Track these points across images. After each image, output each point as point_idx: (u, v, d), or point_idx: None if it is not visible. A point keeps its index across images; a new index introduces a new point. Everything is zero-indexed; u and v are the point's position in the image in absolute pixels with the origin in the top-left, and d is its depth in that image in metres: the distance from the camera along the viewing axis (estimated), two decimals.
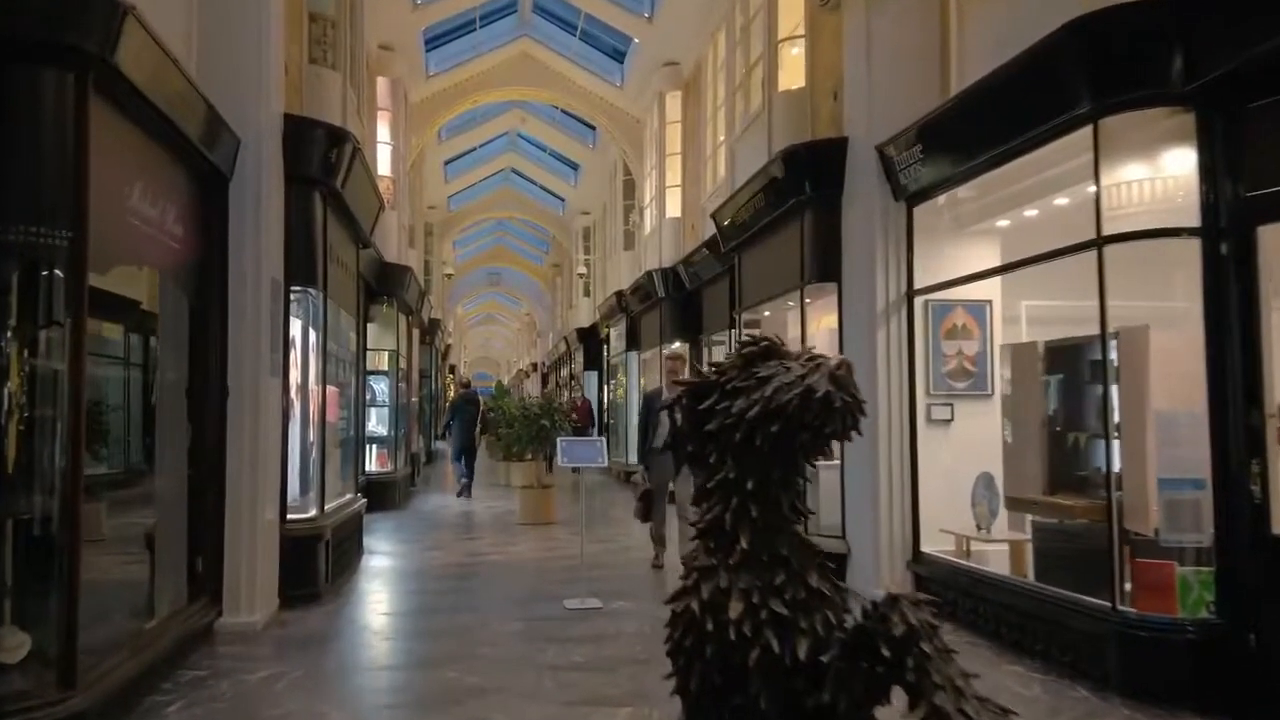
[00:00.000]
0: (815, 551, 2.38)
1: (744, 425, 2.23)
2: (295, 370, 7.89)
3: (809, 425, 2.19)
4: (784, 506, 2.32)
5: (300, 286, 7.44)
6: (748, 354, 2.35)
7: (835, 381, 2.19)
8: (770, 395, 2.20)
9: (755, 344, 2.38)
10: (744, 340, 2.40)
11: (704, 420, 2.36)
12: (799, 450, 2.30)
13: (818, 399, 2.15)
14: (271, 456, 6.84)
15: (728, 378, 2.33)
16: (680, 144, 14.80)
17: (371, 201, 9.52)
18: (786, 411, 2.18)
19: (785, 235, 8.76)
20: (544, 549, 9.85)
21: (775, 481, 2.30)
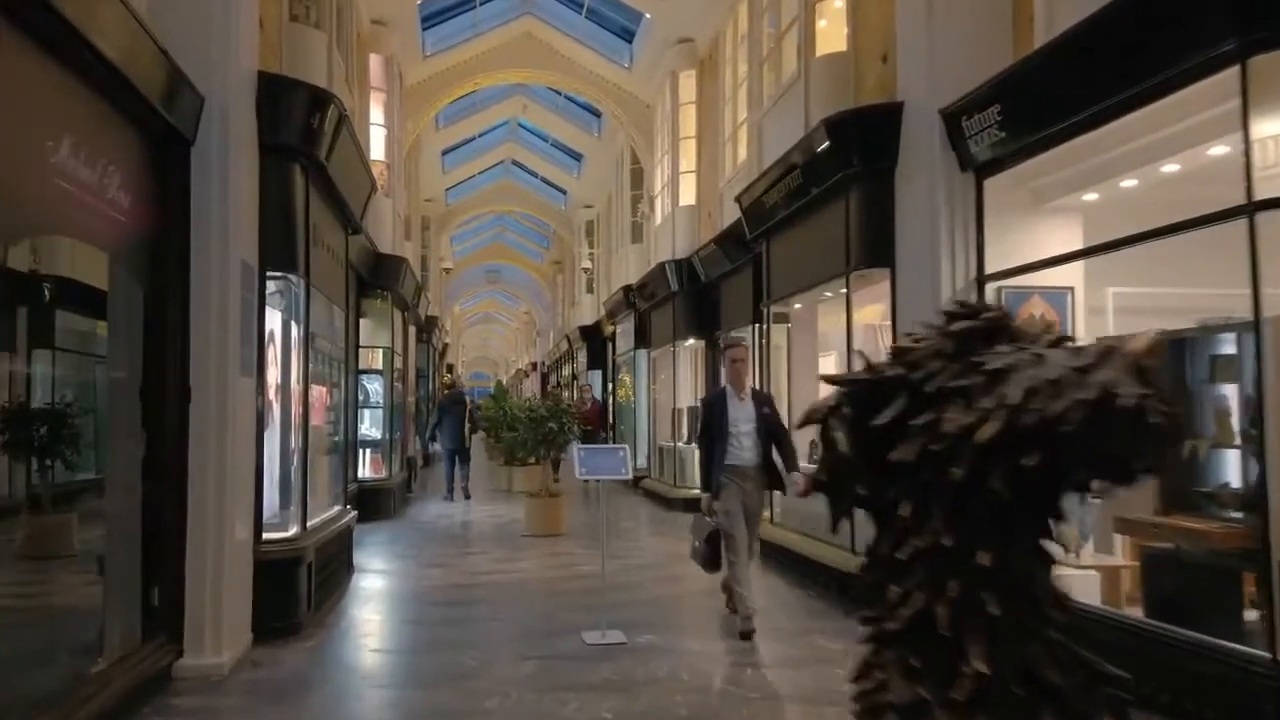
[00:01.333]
0: (1098, 672, 1.42)
1: (968, 453, 1.29)
2: (274, 368, 6.94)
3: (1100, 455, 1.24)
4: (1040, 595, 1.36)
5: (278, 272, 6.48)
6: (963, 331, 1.41)
7: (1142, 378, 1.24)
8: (1020, 403, 1.25)
9: (972, 314, 1.43)
10: (953, 308, 1.45)
11: (881, 443, 1.41)
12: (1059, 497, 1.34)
13: (1125, 410, 1.21)
14: (243, 467, 5.88)
15: (926, 371, 1.39)
16: (695, 127, 13.84)
17: (362, 180, 8.56)
18: (1058, 431, 1.23)
19: (826, 217, 7.81)
20: (554, 566, 8.88)
21: (1026, 552, 1.35)
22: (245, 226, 5.91)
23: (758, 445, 6.17)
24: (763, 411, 6.26)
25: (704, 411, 6.58)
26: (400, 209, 14.60)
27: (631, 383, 18.94)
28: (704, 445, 6.37)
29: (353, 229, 8.92)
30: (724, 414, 6.22)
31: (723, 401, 6.31)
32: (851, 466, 1.48)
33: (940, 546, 1.34)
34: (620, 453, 6.27)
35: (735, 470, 6.16)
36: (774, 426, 6.29)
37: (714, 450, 6.22)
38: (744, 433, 6.16)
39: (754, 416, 6.20)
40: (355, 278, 12.06)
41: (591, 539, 10.56)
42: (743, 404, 6.23)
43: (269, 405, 6.87)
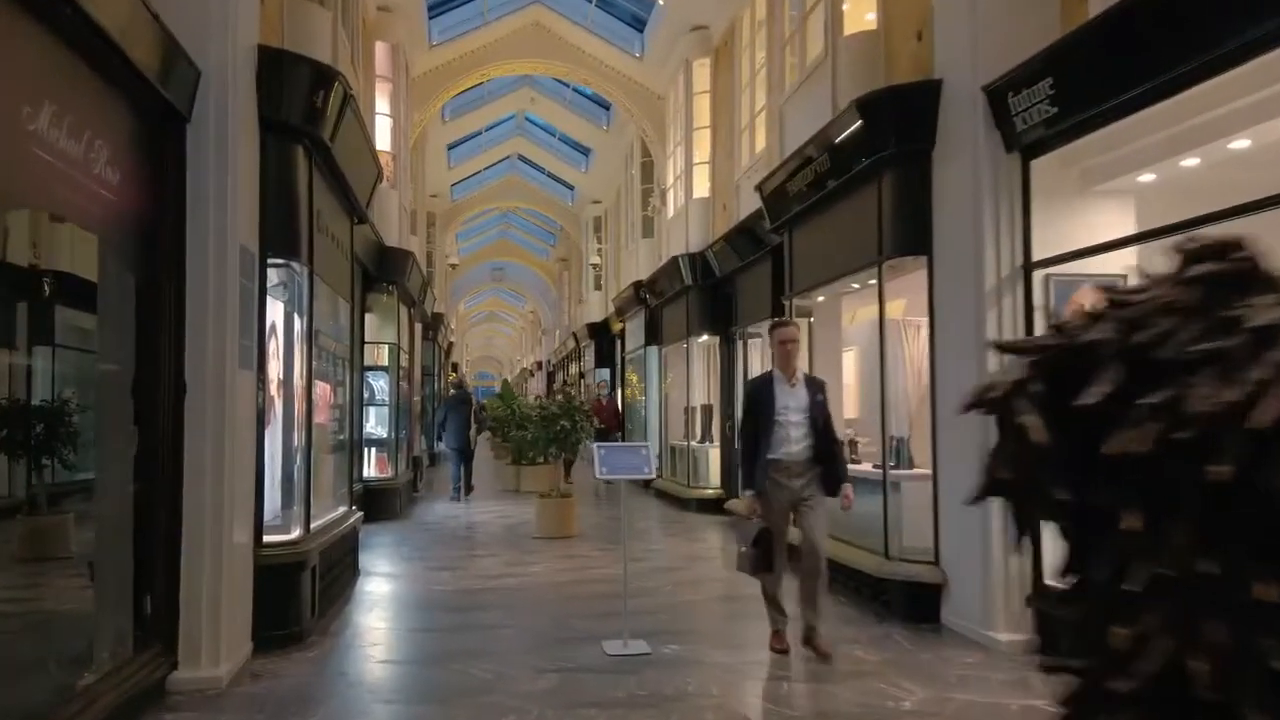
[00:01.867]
0: None
1: (1235, 443, 0.92)
2: (275, 362, 6.58)
3: None
4: None
5: (280, 258, 6.12)
6: (1208, 276, 1.03)
7: None
8: None
9: (1218, 253, 1.06)
10: (1187, 245, 1.07)
11: (1090, 430, 1.04)
12: None
13: None
14: (242, 466, 5.52)
15: (1155, 331, 1.02)
16: (710, 116, 13.46)
17: (367, 166, 8.19)
18: None
19: (855, 203, 7.42)
20: (568, 570, 8.51)
21: None
22: (245, 209, 5.55)
23: (809, 437, 5.45)
24: (816, 399, 5.53)
25: (748, 397, 5.83)
26: (406, 202, 14.24)
27: (638, 381, 18.56)
28: (746, 436, 5.62)
29: (358, 218, 8.55)
30: (771, 400, 5.46)
31: (769, 386, 5.55)
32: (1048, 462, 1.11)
33: (1194, 573, 0.97)
34: (643, 451, 5.89)
35: (781, 466, 5.45)
36: (826, 419, 5.56)
37: (758, 442, 5.49)
38: (794, 422, 5.45)
39: (806, 404, 5.48)
40: (361, 271, 11.70)
41: (605, 541, 10.21)
42: (793, 390, 5.52)
43: (270, 401, 6.51)
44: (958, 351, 6.23)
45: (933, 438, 6.47)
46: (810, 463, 5.49)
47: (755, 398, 5.65)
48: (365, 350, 12.42)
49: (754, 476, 5.55)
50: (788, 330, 5.68)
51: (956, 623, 6.16)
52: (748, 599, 7.22)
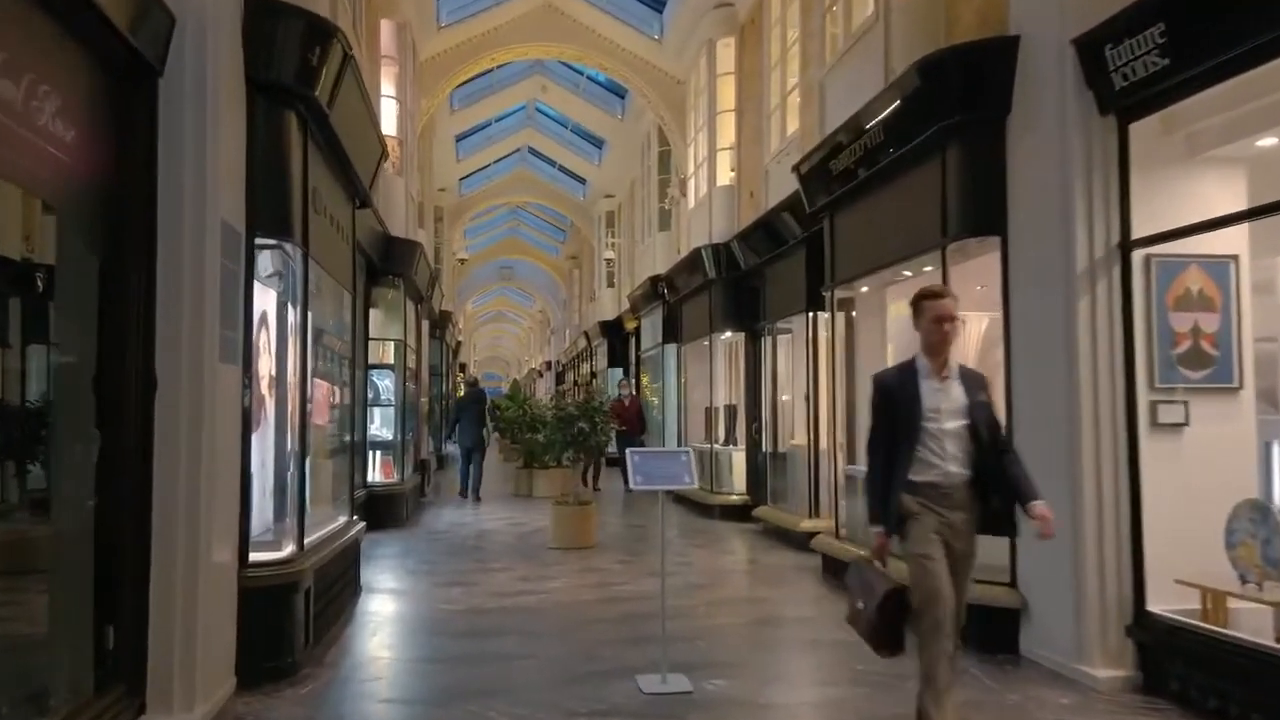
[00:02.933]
0: None
1: None
2: (266, 356, 5.87)
3: None
4: None
5: (270, 238, 5.39)
6: None
7: None
8: None
9: None
10: None
11: None
12: None
13: None
14: (224, 475, 4.79)
15: None
16: (735, 99, 12.69)
17: (370, 142, 7.46)
18: None
19: (913, 180, 6.67)
20: (590, 586, 7.76)
21: None
22: (228, 180, 4.82)
23: (968, 452, 3.92)
24: (978, 399, 3.98)
25: (880, 396, 4.14)
26: (413, 191, 13.53)
27: (649, 381, 17.80)
28: (876, 449, 4.07)
29: (360, 201, 7.82)
30: (915, 401, 3.94)
31: (912, 382, 3.99)
32: None
33: None
34: (682, 457, 5.14)
35: (933, 490, 3.88)
36: (992, 427, 4.03)
37: (894, 457, 3.95)
38: (948, 431, 3.91)
39: (963, 406, 3.95)
40: (365, 262, 10.99)
41: (626, 552, 9.48)
42: (944, 387, 3.96)
43: (260, 400, 5.80)
44: (1040, 345, 5.47)
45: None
46: (969, 488, 3.94)
47: (891, 397, 4.06)
48: (370, 347, 11.69)
49: (888, 507, 3.97)
50: (943, 304, 3.99)
51: (1040, 654, 5.40)
52: (792, 623, 6.49)
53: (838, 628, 6.25)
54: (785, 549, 9.55)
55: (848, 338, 8.59)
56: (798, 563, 8.83)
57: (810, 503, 9.63)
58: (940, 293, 4.11)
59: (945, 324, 3.97)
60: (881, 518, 4.02)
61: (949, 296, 4.07)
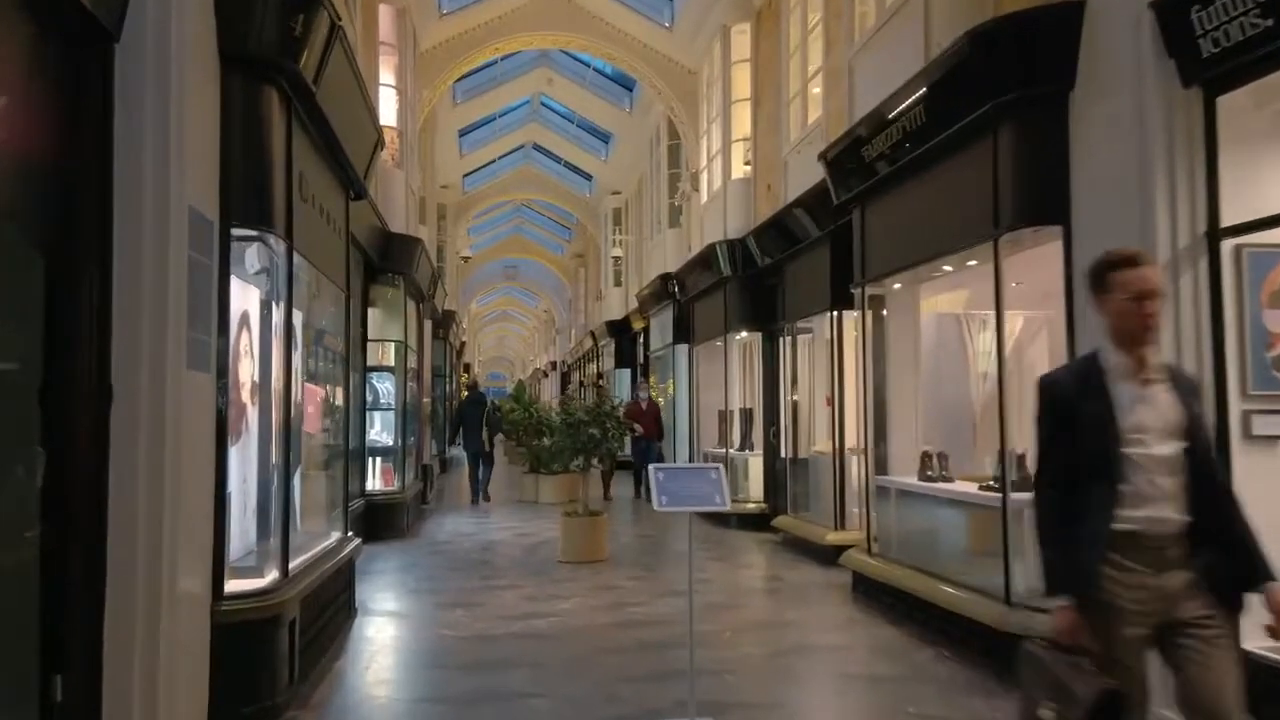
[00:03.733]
0: None
1: None
2: (247, 360, 5.31)
3: None
4: None
5: (248, 228, 4.81)
6: None
7: None
8: None
9: None
10: None
11: None
12: None
13: None
14: (194, 495, 4.23)
15: None
16: (750, 88, 12.10)
17: (364, 126, 6.89)
18: None
19: (960, 165, 6.09)
20: (604, 607, 7.18)
21: None
22: (197, 162, 4.25)
23: (1190, 486, 2.69)
24: (1194, 412, 2.77)
25: (1050, 407, 2.86)
26: (414, 185, 12.95)
27: (656, 381, 17.19)
28: (1051, 483, 2.82)
29: (355, 192, 7.25)
30: (1106, 415, 2.72)
31: (1100, 387, 2.76)
32: None
33: None
34: (712, 474, 4.55)
35: (1138, 544, 2.66)
36: (1210, 452, 2.80)
37: (1078, 498, 2.73)
38: (1159, 459, 2.69)
39: (1178, 423, 2.72)
40: (362, 260, 10.43)
41: (639, 567, 8.90)
42: (1149, 395, 2.73)
43: (241, 410, 5.24)
44: None
45: None
46: (1192, 537, 2.69)
47: (1069, 409, 2.79)
48: (369, 348, 11.13)
49: (1076, 566, 2.69)
50: (1143, 275, 2.73)
51: None
52: (827, 653, 5.90)
53: (878, 657, 5.68)
54: (809, 563, 8.96)
55: (877, 338, 7.99)
56: (825, 579, 8.24)
57: (836, 514, 9.04)
58: (1137, 258, 2.78)
59: (1149, 303, 2.70)
60: (1067, 584, 2.70)
61: (1149, 264, 2.79)
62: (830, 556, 8.79)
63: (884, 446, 7.75)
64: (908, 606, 6.66)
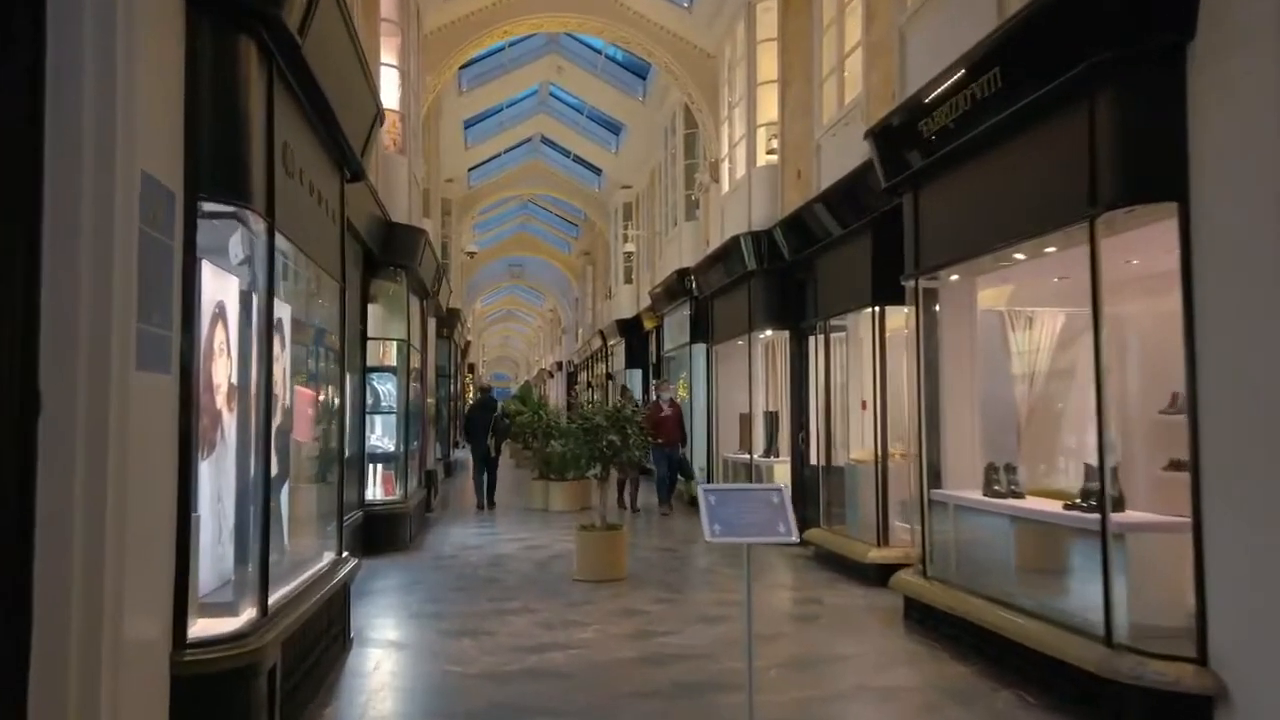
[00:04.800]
0: None
1: None
2: (224, 360, 4.57)
3: None
4: None
5: (220, 202, 4.05)
6: None
7: None
8: None
9: None
10: None
11: None
12: None
13: None
14: (149, 521, 3.47)
15: None
16: (777, 68, 11.31)
17: (360, 96, 6.13)
18: None
19: (1040, 139, 5.32)
20: (629, 637, 6.40)
21: None
22: (154, 121, 3.50)
23: None
24: None
25: None
26: (418, 173, 12.20)
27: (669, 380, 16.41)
28: None
29: (350, 172, 6.49)
30: None
31: None
32: None
33: None
34: (774, 497, 3.79)
35: None
36: None
37: None
38: None
39: None
40: (362, 252, 9.68)
41: (664, 587, 8.13)
42: None
43: (216, 417, 4.50)
44: (1243, 348, 4.10)
45: (1193, 471, 4.34)
46: None
47: None
48: (368, 347, 10.38)
49: None
50: None
51: None
52: (895, 697, 5.10)
53: (951, 702, 4.90)
54: (850, 583, 8.18)
55: (930, 336, 7.21)
56: (870, 602, 7.47)
57: (879, 529, 8.26)
58: None
59: None
60: None
61: None
62: (872, 575, 8.03)
63: (938, 456, 6.98)
64: (973, 639, 5.88)
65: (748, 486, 4.99)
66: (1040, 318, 7.75)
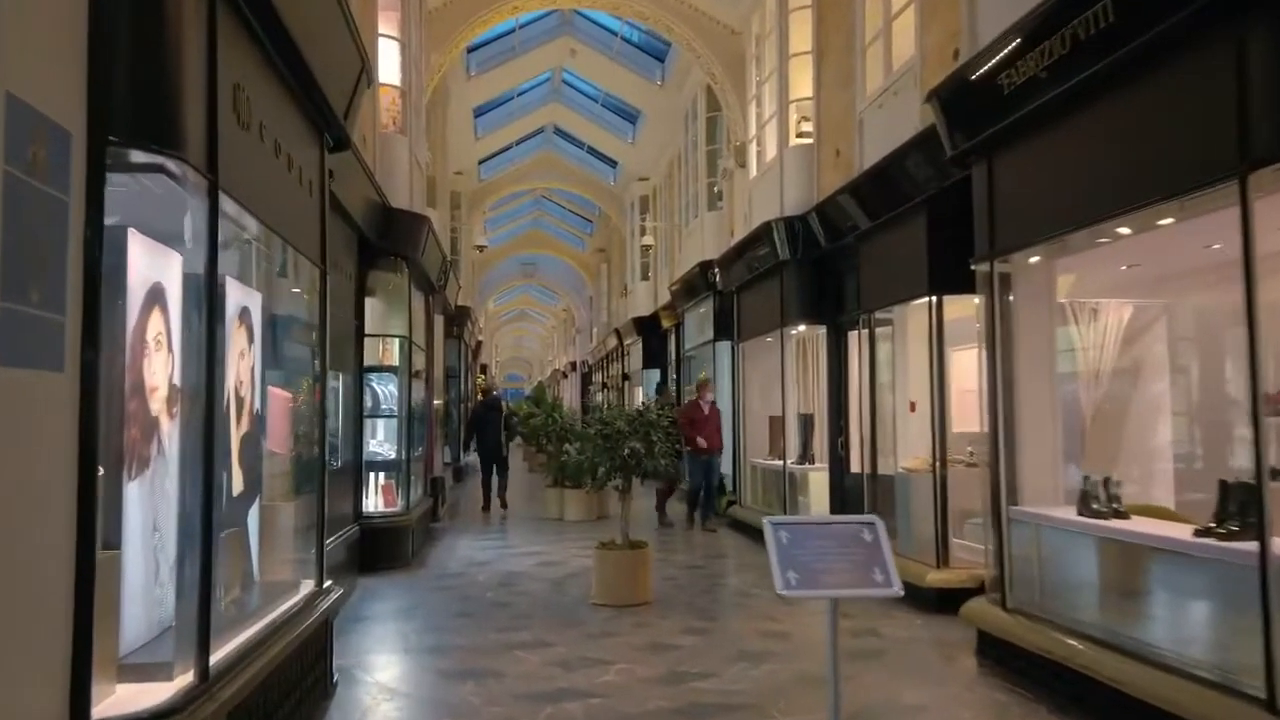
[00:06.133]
0: None
1: None
2: (161, 354, 3.69)
3: None
4: None
5: (140, 149, 3.13)
6: None
7: None
8: None
9: None
10: None
11: None
12: None
13: None
14: (23, 563, 2.56)
15: None
16: (812, 39, 10.35)
17: (341, 44, 5.20)
18: None
19: (1168, 80, 4.36)
20: (660, 680, 5.46)
21: None
22: (34, 33, 2.59)
23: None
24: None
25: None
26: (421, 158, 11.29)
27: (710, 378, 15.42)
28: None
29: (332, 138, 5.57)
30: None
31: None
32: None
33: None
34: (865, 533, 2.84)
35: None
36: None
37: None
38: None
39: None
40: (356, 238, 8.79)
41: (696, 614, 7.20)
42: None
43: (150, 427, 3.62)
44: None
45: None
46: None
47: None
48: (365, 344, 9.48)
49: None
50: None
51: None
52: None
53: None
54: (905, 610, 7.20)
55: (1005, 327, 6.25)
56: (933, 634, 6.51)
57: (938, 548, 7.29)
58: None
59: None
60: None
61: None
62: (931, 601, 7.07)
63: (1015, 467, 6.01)
64: (1073, 688, 4.91)
65: (829, 519, 4.03)
66: (1105, 310, 6.87)
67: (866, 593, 2.80)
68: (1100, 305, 6.86)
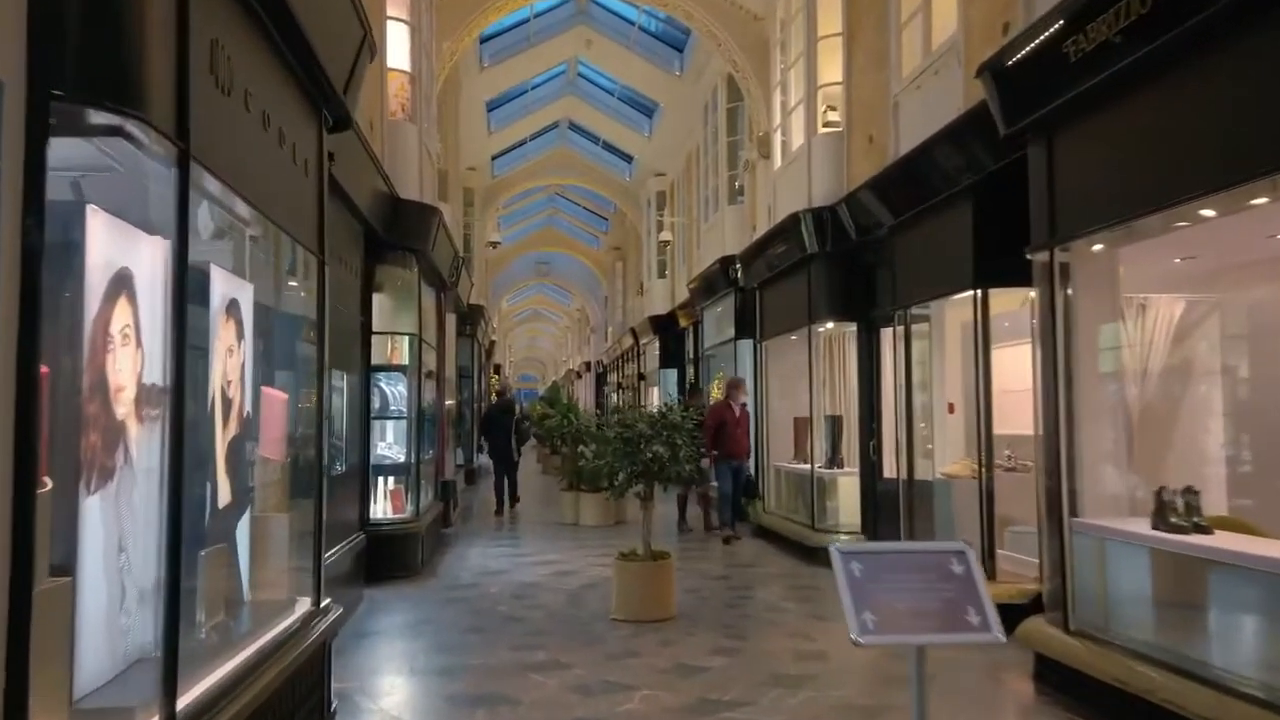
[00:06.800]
0: None
1: None
2: (127, 350, 3.23)
3: None
4: None
5: (92, 105, 2.67)
6: None
7: None
8: None
9: None
10: None
11: None
12: None
13: None
14: None
15: None
16: (842, 20, 9.84)
17: (339, 9, 4.74)
18: None
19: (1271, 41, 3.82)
20: (689, 710, 4.97)
21: None
22: None
23: None
24: None
25: None
26: (432, 148, 10.85)
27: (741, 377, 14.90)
28: None
29: (331, 115, 5.11)
30: None
31: None
32: None
33: None
34: (956, 565, 2.38)
35: None
36: None
37: None
38: None
39: None
40: (363, 231, 8.35)
41: (723, 631, 6.72)
42: None
43: (115, 433, 3.16)
44: None
45: None
46: None
47: None
48: (373, 342, 9.04)
49: None
50: None
51: None
52: None
53: None
54: None
55: (1057, 323, 5.73)
56: (988, 658, 5.98)
57: (984, 560, 6.77)
58: None
59: None
60: None
61: None
62: None
63: (1075, 474, 5.49)
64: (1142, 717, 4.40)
65: (909, 547, 3.51)
66: (1154, 305, 6.40)
67: (960, 639, 2.31)
68: (1149, 300, 6.41)
